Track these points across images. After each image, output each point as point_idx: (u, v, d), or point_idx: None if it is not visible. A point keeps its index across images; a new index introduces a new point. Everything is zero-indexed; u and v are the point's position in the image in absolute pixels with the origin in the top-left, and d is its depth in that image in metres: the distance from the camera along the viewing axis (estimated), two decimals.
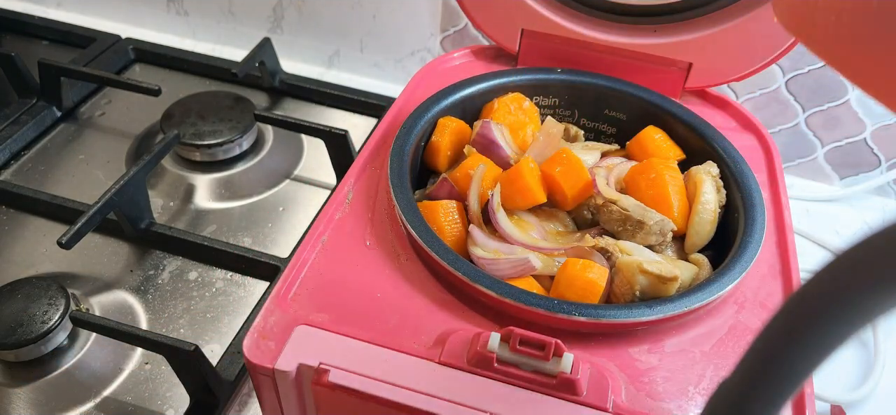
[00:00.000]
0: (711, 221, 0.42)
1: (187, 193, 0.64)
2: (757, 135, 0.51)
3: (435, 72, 0.56)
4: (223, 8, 0.82)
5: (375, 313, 0.37)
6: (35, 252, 0.58)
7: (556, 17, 0.54)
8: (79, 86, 0.74)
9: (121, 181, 0.55)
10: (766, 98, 0.67)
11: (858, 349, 0.55)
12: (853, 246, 0.17)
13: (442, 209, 0.42)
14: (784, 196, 0.45)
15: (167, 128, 0.66)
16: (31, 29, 0.83)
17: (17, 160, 0.67)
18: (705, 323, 0.37)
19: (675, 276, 0.37)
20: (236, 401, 0.49)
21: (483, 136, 0.47)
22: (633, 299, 0.38)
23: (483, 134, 0.47)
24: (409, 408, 0.33)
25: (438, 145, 0.47)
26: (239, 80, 0.73)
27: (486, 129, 0.47)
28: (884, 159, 0.67)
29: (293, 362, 0.34)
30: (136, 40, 0.81)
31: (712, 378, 0.35)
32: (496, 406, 0.32)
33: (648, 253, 0.41)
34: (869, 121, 0.65)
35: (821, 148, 0.69)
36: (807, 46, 0.22)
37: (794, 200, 0.68)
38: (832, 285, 0.17)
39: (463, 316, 0.37)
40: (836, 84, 0.64)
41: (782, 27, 0.23)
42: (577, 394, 0.33)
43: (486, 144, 0.46)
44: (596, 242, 0.40)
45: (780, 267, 0.41)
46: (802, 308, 0.18)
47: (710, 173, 0.44)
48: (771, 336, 0.20)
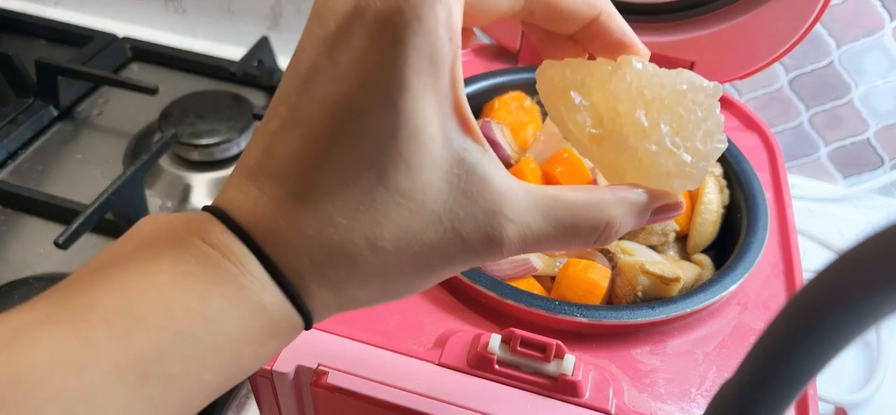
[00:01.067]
0: (714, 221, 0.42)
1: (185, 193, 0.64)
2: (760, 134, 0.51)
3: None
4: (221, 6, 0.82)
5: (375, 314, 0.36)
6: (32, 253, 0.58)
7: None
8: (76, 85, 0.73)
9: (118, 181, 0.55)
10: (768, 97, 0.67)
11: (862, 350, 0.55)
12: (856, 246, 0.16)
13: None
14: (787, 196, 0.45)
15: (165, 127, 0.65)
16: (28, 28, 0.83)
17: (13, 160, 0.67)
18: (708, 324, 0.37)
19: (677, 277, 0.37)
20: (234, 403, 0.49)
21: (483, 135, 0.46)
22: (635, 300, 0.37)
23: (483, 133, 0.46)
24: (408, 410, 0.32)
25: None
26: (237, 78, 0.72)
27: (487, 128, 0.46)
28: (887, 159, 0.67)
29: (291, 364, 0.34)
30: (133, 39, 0.81)
31: (715, 380, 0.34)
32: (497, 408, 0.32)
33: (651, 253, 0.40)
34: (872, 120, 0.65)
35: (824, 147, 0.68)
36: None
37: (797, 199, 0.68)
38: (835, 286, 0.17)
39: (463, 317, 0.37)
40: (840, 83, 0.64)
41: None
42: (578, 396, 0.32)
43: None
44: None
45: (783, 267, 0.41)
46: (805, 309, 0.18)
47: (712, 173, 0.44)
48: (774, 338, 0.20)
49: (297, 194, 0.21)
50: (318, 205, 0.20)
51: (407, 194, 0.21)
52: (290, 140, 0.21)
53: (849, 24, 0.60)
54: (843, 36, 0.61)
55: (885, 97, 0.63)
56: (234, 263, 0.20)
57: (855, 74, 0.63)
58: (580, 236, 0.24)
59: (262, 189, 0.21)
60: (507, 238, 0.22)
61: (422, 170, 0.21)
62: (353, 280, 0.21)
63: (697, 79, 0.25)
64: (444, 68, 0.21)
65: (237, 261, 0.20)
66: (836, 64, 0.63)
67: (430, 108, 0.21)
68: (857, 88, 0.63)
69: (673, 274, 0.37)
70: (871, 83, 0.63)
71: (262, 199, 0.21)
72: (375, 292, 0.22)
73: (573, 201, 0.24)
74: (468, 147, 0.22)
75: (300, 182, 0.21)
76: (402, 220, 0.21)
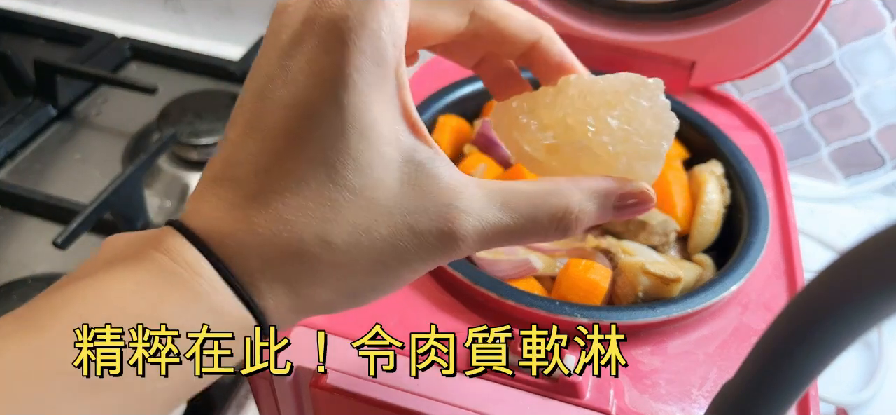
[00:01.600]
0: (715, 222, 0.42)
1: (184, 193, 0.64)
2: (761, 133, 0.50)
3: (435, 71, 0.55)
4: (220, 5, 0.82)
5: (374, 315, 0.36)
6: (30, 253, 0.58)
7: (559, 14, 0.53)
8: (75, 84, 0.73)
9: (117, 181, 0.54)
10: (770, 96, 0.66)
11: (863, 351, 0.55)
12: (857, 246, 0.16)
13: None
14: (788, 196, 0.45)
15: (164, 127, 0.65)
16: (27, 27, 0.83)
17: (12, 159, 0.66)
18: (709, 325, 0.37)
19: (678, 277, 0.37)
20: (233, 403, 0.49)
21: (483, 135, 0.46)
22: (635, 301, 0.37)
23: (484, 133, 0.46)
24: (408, 411, 0.32)
25: (438, 144, 0.47)
26: (237, 78, 0.72)
27: (487, 128, 0.46)
28: (889, 159, 0.67)
29: (291, 364, 0.33)
30: (132, 38, 0.81)
31: (716, 380, 0.34)
32: (496, 409, 0.32)
33: (652, 254, 0.40)
34: (874, 120, 0.65)
35: (825, 147, 0.68)
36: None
37: (799, 199, 0.68)
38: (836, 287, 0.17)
39: (463, 318, 0.36)
40: (841, 83, 0.63)
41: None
42: (578, 397, 0.32)
43: (486, 143, 0.46)
44: (598, 243, 0.39)
45: (784, 267, 0.40)
46: (807, 310, 0.18)
47: (714, 173, 0.43)
48: (775, 338, 0.20)
49: (251, 196, 0.21)
50: (271, 205, 0.21)
51: (357, 191, 0.21)
52: (248, 146, 0.22)
53: (850, 23, 0.60)
54: (845, 35, 0.61)
55: (887, 97, 0.63)
56: (186, 269, 0.20)
57: (856, 74, 0.63)
58: (540, 225, 0.24)
59: (220, 196, 0.22)
60: (463, 230, 0.23)
61: (371, 167, 0.21)
62: (307, 278, 0.22)
63: (637, 77, 0.26)
64: (390, 71, 0.22)
65: (190, 267, 0.20)
66: (837, 63, 0.62)
67: (377, 107, 0.22)
68: (859, 88, 0.63)
69: (674, 274, 0.37)
70: (872, 83, 0.63)
71: (220, 205, 0.21)
72: (334, 293, 0.23)
73: (530, 191, 0.24)
74: (418, 147, 0.23)
75: (254, 184, 0.21)
76: (351, 216, 0.21)
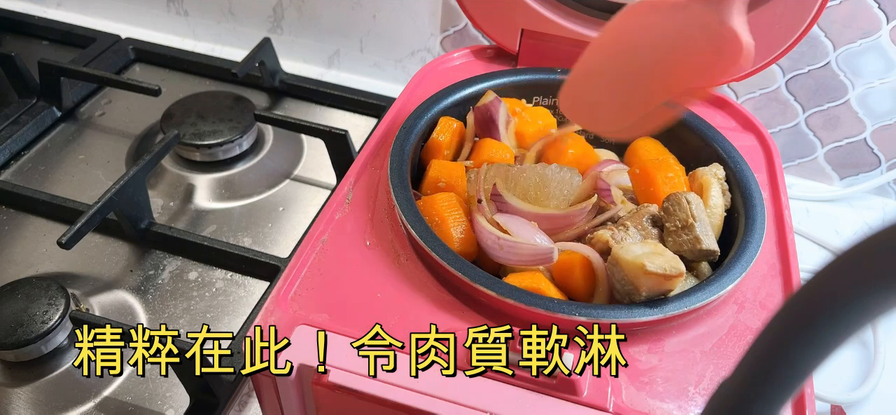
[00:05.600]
0: (718, 225, 0.42)
1: (187, 193, 0.64)
2: (757, 135, 0.51)
3: (435, 72, 0.56)
4: (223, 8, 0.82)
5: (375, 313, 0.37)
6: (35, 252, 0.58)
7: (557, 17, 0.54)
8: (79, 86, 0.74)
9: (121, 181, 0.55)
10: (766, 98, 0.67)
11: (858, 349, 0.55)
12: (853, 246, 0.17)
13: (444, 202, 0.42)
14: (784, 196, 0.45)
15: (167, 128, 0.66)
16: (31, 29, 0.83)
17: (17, 160, 0.67)
18: (706, 323, 0.37)
19: (680, 272, 0.36)
20: (236, 401, 0.49)
21: (486, 110, 0.47)
22: (636, 300, 0.38)
23: (487, 108, 0.47)
24: (408, 408, 0.33)
25: (439, 145, 0.47)
26: (239, 80, 0.73)
27: (494, 106, 0.47)
28: (884, 159, 0.67)
29: (293, 363, 0.34)
30: (136, 40, 0.81)
31: (712, 378, 0.35)
32: (496, 406, 0.32)
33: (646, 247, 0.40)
34: (869, 121, 0.65)
35: (821, 148, 0.69)
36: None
37: (795, 200, 0.68)
38: (832, 286, 0.17)
39: (463, 316, 0.37)
40: (837, 84, 0.64)
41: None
42: (577, 394, 0.33)
43: (485, 120, 0.46)
44: (596, 236, 0.39)
45: (780, 267, 0.41)
46: (802, 309, 0.18)
47: (716, 176, 0.43)
48: (771, 336, 0.20)
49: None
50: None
51: None
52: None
53: (846, 25, 0.60)
54: (841, 37, 0.61)
55: (882, 98, 0.63)
56: None
57: (852, 75, 0.63)
58: None
59: None
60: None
61: None
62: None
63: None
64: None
65: None
66: (833, 65, 0.63)
67: None
68: (854, 89, 0.64)
69: (676, 270, 0.36)
70: (868, 84, 0.63)
71: None
72: None
73: None
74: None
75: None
76: None
